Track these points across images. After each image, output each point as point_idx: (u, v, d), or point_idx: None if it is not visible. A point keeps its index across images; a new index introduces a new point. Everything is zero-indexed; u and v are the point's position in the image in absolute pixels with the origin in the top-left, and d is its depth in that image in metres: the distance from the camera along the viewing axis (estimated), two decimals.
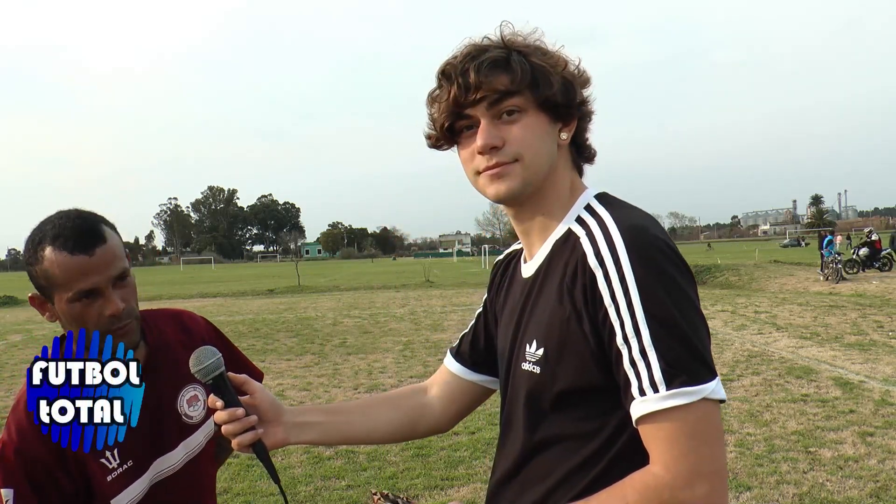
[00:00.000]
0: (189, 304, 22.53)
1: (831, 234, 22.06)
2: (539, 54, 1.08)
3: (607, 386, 1.00)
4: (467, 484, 4.66)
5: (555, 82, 1.06)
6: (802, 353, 8.73)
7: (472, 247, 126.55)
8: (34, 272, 1.27)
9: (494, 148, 1.06)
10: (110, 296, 1.26)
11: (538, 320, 1.08)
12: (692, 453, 0.93)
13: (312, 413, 1.30)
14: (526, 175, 1.07)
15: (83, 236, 1.25)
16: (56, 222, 1.27)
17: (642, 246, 0.98)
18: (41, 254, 1.25)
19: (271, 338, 12.48)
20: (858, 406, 6.12)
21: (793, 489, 4.35)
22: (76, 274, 1.23)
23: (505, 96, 1.05)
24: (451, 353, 1.40)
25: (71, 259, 1.23)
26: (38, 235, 1.27)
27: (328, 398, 7.35)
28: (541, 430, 1.08)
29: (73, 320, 1.27)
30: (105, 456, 1.31)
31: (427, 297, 20.53)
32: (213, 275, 52.23)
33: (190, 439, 1.44)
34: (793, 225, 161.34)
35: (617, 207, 1.08)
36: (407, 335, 12.03)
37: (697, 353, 0.95)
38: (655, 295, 0.95)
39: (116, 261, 1.28)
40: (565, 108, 1.09)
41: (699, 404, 0.93)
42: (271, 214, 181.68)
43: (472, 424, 5.81)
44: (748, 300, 15.29)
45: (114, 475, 1.32)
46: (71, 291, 1.24)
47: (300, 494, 4.60)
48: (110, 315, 1.26)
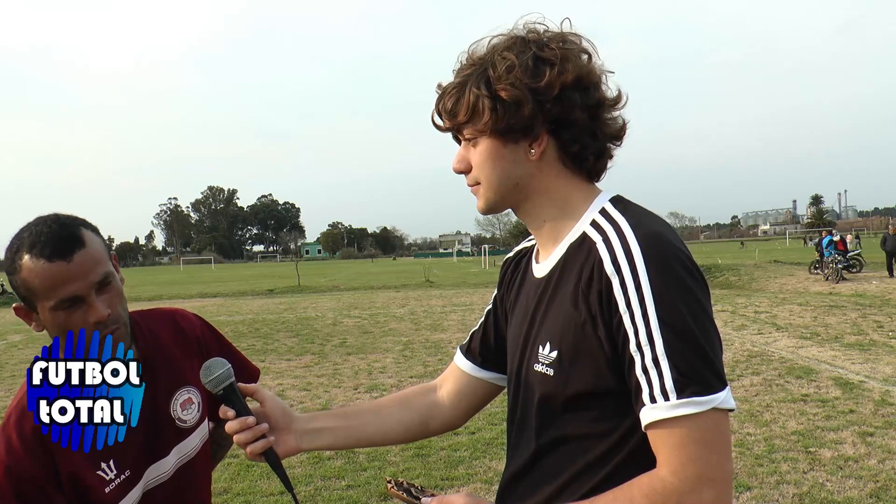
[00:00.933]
0: (189, 304, 22.54)
1: (830, 235, 22.08)
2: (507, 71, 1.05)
3: (620, 390, 1.01)
4: (467, 484, 4.65)
5: (506, 106, 1.06)
6: (802, 353, 8.73)
7: (472, 247, 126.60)
8: (14, 282, 1.23)
9: (463, 172, 1.15)
10: (93, 302, 1.22)
11: (552, 322, 1.08)
12: (700, 460, 0.94)
13: (324, 419, 1.31)
14: (488, 196, 1.14)
15: (61, 242, 1.21)
16: (33, 229, 1.23)
17: (659, 254, 0.99)
18: (19, 262, 1.21)
19: (271, 338, 12.48)
20: (858, 406, 6.12)
21: (793, 489, 4.35)
22: (55, 282, 1.19)
23: (460, 128, 1.12)
24: (461, 351, 1.39)
25: (49, 266, 1.19)
26: (17, 243, 1.23)
27: (328, 398, 7.35)
28: (552, 430, 1.09)
29: (59, 329, 1.23)
30: (102, 468, 1.28)
31: (427, 297, 20.53)
32: (213, 275, 52.23)
33: (183, 444, 1.40)
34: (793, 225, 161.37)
35: (633, 213, 1.07)
36: (407, 335, 12.04)
37: (709, 363, 0.96)
38: (670, 303, 0.96)
39: (97, 266, 1.23)
40: (517, 129, 1.07)
41: (709, 413, 0.94)
42: (271, 214, 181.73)
43: (472, 424, 5.80)
44: (748, 300, 15.30)
45: (112, 486, 1.29)
46: (52, 300, 1.20)
47: (300, 494, 4.60)
48: (95, 322, 1.21)
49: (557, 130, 1.09)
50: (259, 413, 1.22)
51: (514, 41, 1.09)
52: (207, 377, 1.20)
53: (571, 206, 1.12)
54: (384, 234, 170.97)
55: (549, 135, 1.09)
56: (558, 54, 1.06)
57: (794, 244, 66.92)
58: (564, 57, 1.06)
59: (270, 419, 1.23)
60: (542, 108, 1.06)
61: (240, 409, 1.19)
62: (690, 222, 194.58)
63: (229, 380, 1.20)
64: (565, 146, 1.10)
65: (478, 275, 33.47)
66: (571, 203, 1.12)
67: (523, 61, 1.06)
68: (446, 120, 1.14)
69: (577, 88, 1.07)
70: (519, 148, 1.10)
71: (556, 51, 1.07)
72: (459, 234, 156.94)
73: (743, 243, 75.94)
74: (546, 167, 1.11)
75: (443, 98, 1.13)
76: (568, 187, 1.13)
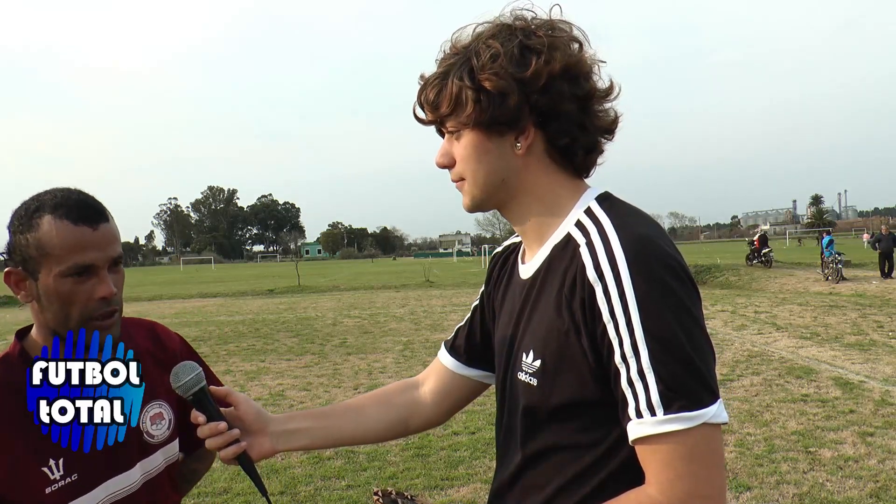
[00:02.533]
0: (189, 304, 22.55)
1: (829, 235, 22.07)
2: (492, 59, 1.01)
3: (606, 400, 0.97)
4: (467, 484, 4.66)
5: (490, 97, 1.01)
6: (802, 353, 8.73)
7: (472, 247, 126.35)
8: (23, 241, 1.17)
9: (447, 167, 1.11)
10: (105, 277, 1.19)
11: (536, 329, 1.04)
12: (689, 477, 0.90)
13: (300, 419, 1.27)
14: (473, 192, 1.09)
15: (89, 209, 1.18)
16: (57, 193, 1.19)
17: (644, 259, 0.93)
18: (37, 221, 1.16)
19: (271, 338, 12.48)
20: (858, 406, 6.12)
21: (793, 489, 4.35)
22: (76, 246, 1.15)
23: (443, 120, 1.07)
24: (445, 347, 1.36)
25: (74, 229, 1.15)
26: (35, 204, 1.18)
27: (328, 398, 7.35)
28: (539, 440, 1.06)
29: (58, 299, 1.17)
30: (48, 464, 1.18)
31: (427, 297, 20.52)
32: (213, 275, 52.19)
33: (148, 460, 1.32)
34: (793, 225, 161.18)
35: (619, 213, 1.02)
36: (407, 335, 12.03)
37: (698, 375, 0.91)
38: (656, 313, 0.91)
39: (116, 244, 1.21)
40: (502, 121, 1.03)
41: (698, 429, 0.89)
42: (271, 214, 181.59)
43: (472, 424, 5.81)
44: (748, 300, 15.29)
45: (53, 487, 1.18)
46: (66, 264, 1.15)
47: (300, 494, 4.60)
48: (101, 297, 1.18)
49: (545, 123, 1.03)
50: (233, 416, 1.19)
51: (499, 29, 1.04)
52: (177, 382, 1.16)
53: (558, 204, 1.07)
54: (384, 234, 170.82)
55: (537, 127, 1.04)
56: (545, 42, 1.01)
57: (794, 244, 66.78)
58: (552, 45, 1.01)
59: (244, 422, 1.20)
60: (529, 98, 1.01)
61: (211, 413, 1.17)
62: (690, 222, 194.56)
63: (200, 384, 1.17)
64: (554, 139, 1.05)
65: (478, 275, 33.43)
66: (558, 200, 1.07)
67: (509, 50, 1.00)
68: (429, 112, 1.08)
69: (566, 78, 1.01)
70: (505, 141, 1.04)
71: (543, 39, 1.01)
72: (459, 234, 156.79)
73: (800, 241, 73.13)
74: (533, 162, 1.06)
75: (425, 89, 1.07)
76: (555, 184, 1.08)
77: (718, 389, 0.94)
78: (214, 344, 11.77)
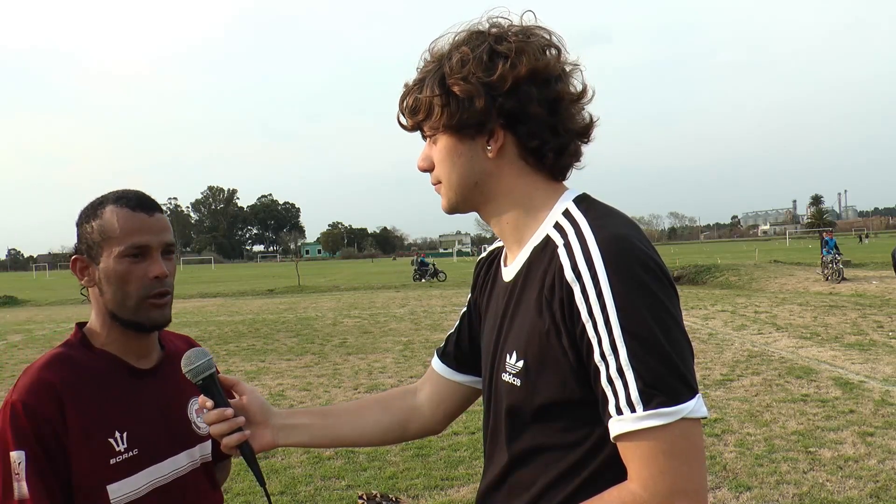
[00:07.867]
0: (189, 304, 22.54)
1: (833, 238, 22.02)
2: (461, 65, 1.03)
3: (588, 399, 0.98)
4: (467, 484, 4.65)
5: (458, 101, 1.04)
6: (802, 353, 8.73)
7: (472, 247, 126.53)
8: (88, 229, 1.31)
9: (427, 170, 1.14)
10: (158, 258, 1.30)
11: (518, 330, 1.06)
12: (670, 472, 0.91)
13: (301, 416, 1.31)
14: (448, 194, 1.13)
15: (147, 199, 1.34)
16: (118, 190, 1.35)
17: (620, 258, 0.95)
18: (101, 211, 1.31)
19: (271, 338, 12.48)
20: (858, 406, 6.12)
21: (793, 489, 4.35)
22: (134, 228, 1.28)
23: (421, 125, 1.11)
24: (437, 354, 1.38)
25: (133, 214, 1.30)
26: (99, 200, 1.34)
27: (328, 398, 7.35)
28: (523, 441, 1.07)
29: (117, 279, 1.28)
30: (115, 436, 1.25)
31: (427, 297, 20.53)
32: (213, 275, 52.21)
33: (195, 449, 1.39)
34: (793, 225, 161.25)
35: (596, 214, 1.03)
36: (407, 335, 12.03)
37: (677, 371, 0.92)
38: (633, 311, 0.92)
39: (169, 232, 1.35)
40: (470, 124, 1.05)
41: (678, 424, 0.91)
42: (271, 214, 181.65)
43: (472, 424, 5.81)
44: (748, 300, 15.29)
45: (118, 459, 1.25)
46: (124, 245, 1.27)
47: (300, 494, 4.60)
48: (154, 277, 1.29)
49: (514, 125, 1.05)
50: (238, 406, 1.23)
51: (471, 35, 1.06)
52: (189, 366, 1.22)
53: (534, 207, 1.09)
54: (384, 234, 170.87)
55: (506, 130, 1.05)
56: (514, 47, 1.02)
57: (794, 244, 66.74)
58: (520, 50, 1.02)
59: (248, 413, 1.23)
60: (496, 102, 1.03)
61: (219, 400, 1.21)
62: (690, 222, 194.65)
63: (209, 370, 1.22)
64: (524, 142, 1.06)
65: None
66: (534, 203, 1.09)
67: (478, 55, 1.03)
68: (408, 118, 1.12)
69: (534, 82, 1.02)
70: (476, 144, 1.07)
71: (512, 44, 1.03)
72: (459, 234, 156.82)
73: (861, 238, 69.33)
74: (506, 165, 1.08)
75: (406, 97, 1.11)
76: (529, 186, 1.09)
77: (697, 385, 0.95)
78: (214, 344, 11.76)
